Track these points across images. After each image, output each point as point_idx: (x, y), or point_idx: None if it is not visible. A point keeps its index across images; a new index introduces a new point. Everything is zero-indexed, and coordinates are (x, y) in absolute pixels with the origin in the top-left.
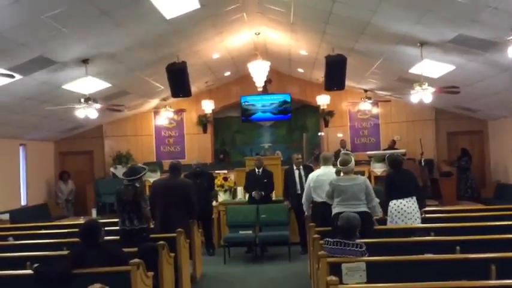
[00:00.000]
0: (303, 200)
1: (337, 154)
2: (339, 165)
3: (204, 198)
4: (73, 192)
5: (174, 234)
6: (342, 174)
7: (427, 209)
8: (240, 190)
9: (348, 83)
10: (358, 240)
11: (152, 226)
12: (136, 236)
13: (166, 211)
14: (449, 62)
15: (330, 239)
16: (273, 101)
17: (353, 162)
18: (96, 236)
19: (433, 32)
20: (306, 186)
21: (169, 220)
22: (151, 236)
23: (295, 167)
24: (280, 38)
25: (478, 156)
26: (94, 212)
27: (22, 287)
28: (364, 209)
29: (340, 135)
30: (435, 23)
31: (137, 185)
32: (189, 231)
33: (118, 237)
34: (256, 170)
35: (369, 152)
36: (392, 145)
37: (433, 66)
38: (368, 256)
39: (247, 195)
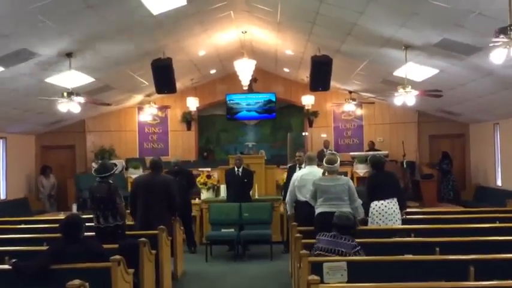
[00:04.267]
0: (287, 199)
1: (320, 154)
2: (324, 164)
3: (183, 196)
4: (55, 187)
5: (156, 232)
6: (326, 174)
7: (407, 210)
8: (223, 188)
9: (333, 84)
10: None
11: (132, 223)
12: (111, 233)
13: (147, 208)
14: (433, 66)
15: (326, 233)
16: (258, 99)
17: (339, 162)
18: (77, 232)
19: (417, 36)
20: (290, 185)
21: (150, 217)
22: (133, 232)
23: (297, 165)
24: (266, 37)
25: (459, 159)
26: (74, 207)
27: (1, 282)
28: (347, 209)
29: (324, 135)
30: (420, 27)
31: (111, 181)
32: (171, 229)
33: (94, 234)
34: (236, 169)
35: (352, 153)
36: (371, 146)
37: (416, 70)
38: (363, 253)
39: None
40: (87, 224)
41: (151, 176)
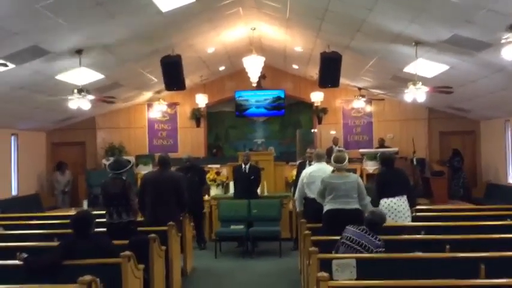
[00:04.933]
0: (296, 196)
1: (329, 151)
2: (333, 162)
3: (195, 193)
4: (70, 183)
5: (166, 228)
6: (335, 171)
7: (417, 207)
8: (232, 185)
9: (342, 80)
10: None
11: (142, 219)
12: (124, 229)
13: (156, 204)
14: (443, 62)
15: (356, 225)
16: (267, 96)
17: (347, 160)
18: (87, 228)
19: (428, 32)
20: (299, 182)
21: (158, 214)
22: (143, 229)
23: (307, 162)
24: (275, 33)
25: (470, 156)
26: (85, 204)
27: (12, 277)
28: (356, 206)
29: (333, 132)
30: (430, 23)
31: (124, 177)
32: (180, 225)
33: (106, 230)
34: (243, 166)
35: (361, 150)
36: (381, 143)
37: (427, 66)
38: (382, 250)
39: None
40: (98, 220)
41: (160, 172)
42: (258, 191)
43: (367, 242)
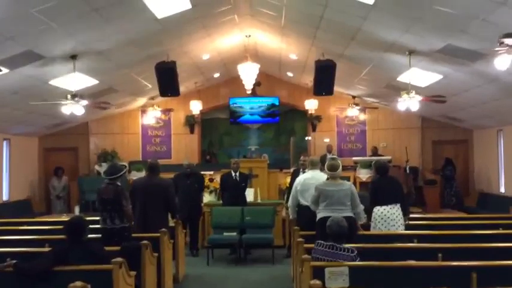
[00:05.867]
0: (289, 203)
1: (322, 159)
2: (326, 170)
3: (194, 199)
4: (66, 189)
5: (158, 234)
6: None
7: (410, 216)
8: None
9: (337, 88)
10: (348, 245)
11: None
12: (117, 235)
13: (145, 211)
14: (437, 71)
15: (322, 242)
16: (261, 103)
17: (341, 167)
18: (81, 233)
19: (421, 41)
20: (292, 189)
21: (147, 220)
22: (137, 235)
23: (301, 169)
24: (270, 41)
25: (462, 165)
26: (77, 210)
27: (3, 283)
28: (349, 214)
29: (327, 140)
30: (424, 32)
31: (118, 183)
32: (173, 232)
33: (99, 236)
34: (233, 173)
35: (354, 158)
36: (375, 152)
37: (420, 75)
38: (358, 261)
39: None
40: (92, 226)
41: (149, 178)
42: (252, 198)
43: (340, 258)
